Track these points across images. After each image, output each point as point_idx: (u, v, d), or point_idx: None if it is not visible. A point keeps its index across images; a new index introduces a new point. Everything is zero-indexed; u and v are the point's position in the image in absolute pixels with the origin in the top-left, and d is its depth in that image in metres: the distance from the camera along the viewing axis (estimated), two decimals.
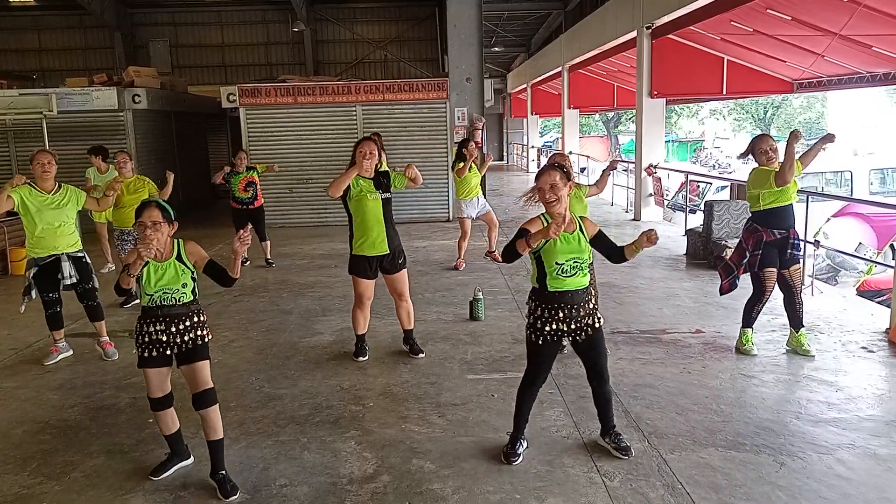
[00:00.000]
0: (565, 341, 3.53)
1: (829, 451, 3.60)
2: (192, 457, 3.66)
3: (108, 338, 5.48)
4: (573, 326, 3.46)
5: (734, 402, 4.25)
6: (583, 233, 3.48)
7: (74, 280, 5.20)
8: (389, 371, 4.95)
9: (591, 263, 4.63)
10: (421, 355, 5.18)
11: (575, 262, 3.41)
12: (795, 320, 5.09)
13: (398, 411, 4.25)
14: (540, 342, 3.47)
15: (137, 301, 7.09)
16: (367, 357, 5.18)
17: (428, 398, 4.43)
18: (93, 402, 4.54)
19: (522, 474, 3.45)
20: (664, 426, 3.92)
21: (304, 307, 6.79)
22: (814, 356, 4.96)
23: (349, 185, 4.73)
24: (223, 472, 3.39)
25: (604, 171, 5.80)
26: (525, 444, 3.68)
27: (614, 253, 3.53)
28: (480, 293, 6.23)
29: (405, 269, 5.15)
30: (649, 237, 3.28)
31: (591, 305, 3.53)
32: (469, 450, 3.71)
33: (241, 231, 3.35)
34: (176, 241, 3.42)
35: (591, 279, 3.80)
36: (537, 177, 3.48)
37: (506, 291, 7.14)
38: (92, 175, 8.54)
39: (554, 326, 3.43)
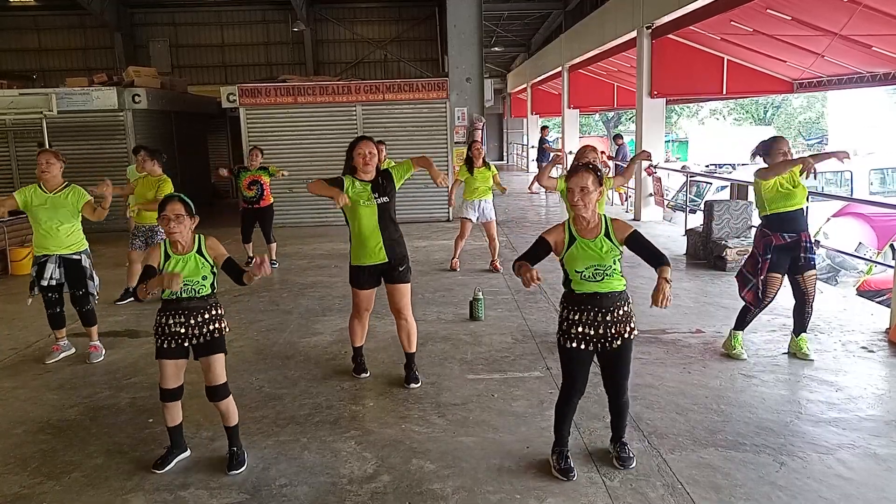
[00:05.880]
0: (591, 346, 3.31)
1: (829, 451, 3.60)
2: (189, 450, 3.72)
3: (98, 342, 5.40)
4: (601, 332, 3.27)
5: (734, 401, 4.25)
6: (609, 238, 3.28)
7: (54, 283, 5.14)
8: (389, 371, 4.95)
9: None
10: (414, 385, 4.63)
11: (596, 269, 3.25)
12: (800, 326, 4.98)
13: (398, 411, 4.25)
14: (567, 346, 3.31)
15: (132, 299, 7.15)
16: (368, 374, 4.84)
17: (428, 398, 4.43)
18: (93, 402, 4.53)
19: (522, 474, 3.45)
20: (664, 426, 3.92)
21: (304, 307, 6.79)
22: (813, 360, 4.89)
23: (345, 185, 4.38)
24: (234, 447, 3.62)
25: (632, 158, 5.60)
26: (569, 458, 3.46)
27: (651, 259, 3.29)
28: (480, 293, 6.23)
29: (407, 283, 4.63)
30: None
31: (621, 312, 3.30)
32: (469, 450, 3.71)
33: (258, 259, 3.35)
34: (197, 235, 3.54)
35: None
36: (569, 175, 3.33)
37: (506, 291, 7.14)
38: (130, 174, 8.48)
39: (580, 329, 3.27)
